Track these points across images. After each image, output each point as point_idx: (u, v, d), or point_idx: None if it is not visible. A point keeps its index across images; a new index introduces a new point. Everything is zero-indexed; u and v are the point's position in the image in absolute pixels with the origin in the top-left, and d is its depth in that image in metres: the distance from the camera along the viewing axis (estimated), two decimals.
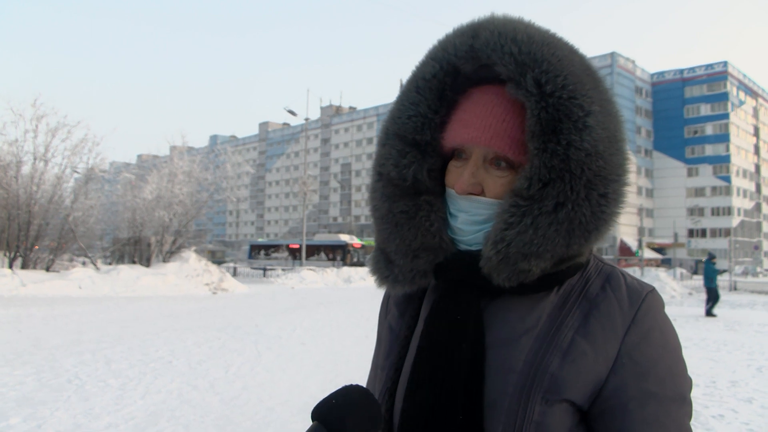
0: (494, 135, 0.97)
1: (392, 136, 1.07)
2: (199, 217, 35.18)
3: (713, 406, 7.07)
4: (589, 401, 0.95)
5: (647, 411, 0.93)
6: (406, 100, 1.07)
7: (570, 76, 0.94)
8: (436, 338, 1.00)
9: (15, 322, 13.55)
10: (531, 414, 0.92)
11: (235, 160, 37.91)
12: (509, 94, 0.97)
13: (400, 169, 1.05)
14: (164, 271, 27.15)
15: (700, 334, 14.14)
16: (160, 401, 6.80)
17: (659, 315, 1.00)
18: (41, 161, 27.39)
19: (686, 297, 28.48)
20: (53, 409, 6.34)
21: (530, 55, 0.94)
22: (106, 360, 9.13)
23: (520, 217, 0.94)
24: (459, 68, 1.03)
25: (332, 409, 0.82)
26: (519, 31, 0.97)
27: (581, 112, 0.92)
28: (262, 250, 64.14)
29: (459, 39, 1.02)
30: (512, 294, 0.99)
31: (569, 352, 0.94)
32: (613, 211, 0.97)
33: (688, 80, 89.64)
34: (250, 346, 10.85)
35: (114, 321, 14.36)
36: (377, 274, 1.13)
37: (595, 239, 0.98)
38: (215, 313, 17.32)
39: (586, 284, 1.01)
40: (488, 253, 0.96)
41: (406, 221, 1.05)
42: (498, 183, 0.99)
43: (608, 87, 1.02)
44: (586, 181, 0.93)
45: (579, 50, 1.02)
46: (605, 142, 0.94)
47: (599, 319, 0.96)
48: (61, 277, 23.58)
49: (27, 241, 26.36)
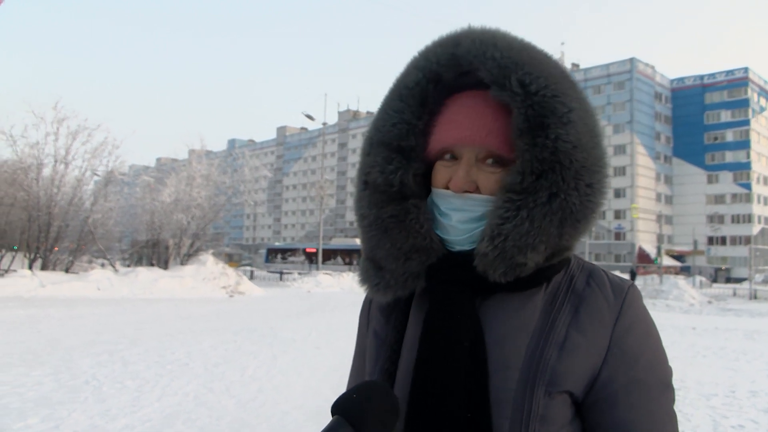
0: (488, 133, 1.01)
1: (377, 144, 1.10)
2: (216, 220, 35.39)
3: (733, 416, 6.98)
4: (584, 392, 1.00)
5: (635, 397, 0.99)
6: (389, 108, 1.10)
7: (550, 77, 0.99)
8: (437, 341, 1.01)
9: (34, 322, 13.69)
10: (536, 408, 0.96)
11: (253, 164, 38.05)
12: (493, 97, 1.01)
13: (386, 175, 1.07)
14: (182, 273, 27.32)
15: (719, 343, 13.99)
16: (176, 403, 6.83)
17: (641, 308, 1.06)
18: (62, 164, 27.73)
19: (705, 305, 28.19)
20: (70, 409, 6.39)
21: (512, 59, 0.99)
22: (123, 361, 9.19)
23: (516, 210, 0.97)
24: (441, 76, 1.07)
25: (353, 403, 0.84)
26: (498, 38, 1.03)
27: (564, 108, 0.98)
28: (279, 253, 64.35)
29: (441, 48, 1.07)
30: (504, 292, 1.03)
31: (565, 345, 0.98)
32: (598, 201, 1.02)
33: (708, 86, 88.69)
34: (265, 349, 10.88)
35: (131, 323, 14.46)
36: (367, 283, 1.14)
37: (584, 229, 1.02)
38: (232, 315, 17.39)
39: (572, 281, 1.06)
40: (484, 249, 0.99)
41: (395, 225, 1.07)
42: (492, 179, 1.02)
43: (581, 89, 1.07)
44: (574, 171, 0.97)
45: (553, 57, 1.07)
46: (587, 135, 1.00)
47: (589, 313, 1.01)
48: (80, 279, 23.80)
49: (47, 242, 26.65)
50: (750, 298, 34.69)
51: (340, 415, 0.82)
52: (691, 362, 10.89)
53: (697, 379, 9.11)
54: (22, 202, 26.29)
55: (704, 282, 46.87)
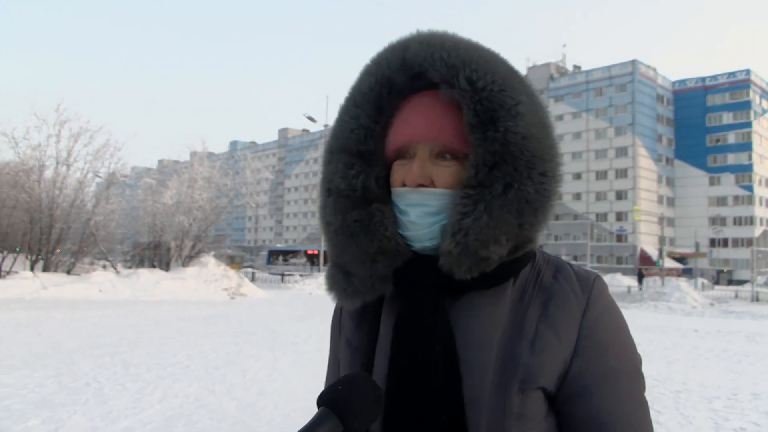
0: (440, 128, 1.04)
1: (336, 151, 1.12)
2: (218, 222, 35.43)
3: (735, 418, 6.96)
4: (557, 386, 1.01)
5: (609, 386, 1.01)
6: (346, 115, 1.13)
7: (497, 73, 1.02)
8: (408, 344, 1.03)
9: (35, 324, 13.70)
10: (511, 406, 0.97)
11: (255, 166, 38.08)
12: (443, 95, 1.04)
13: (348, 180, 1.10)
14: (183, 275, 27.33)
15: (721, 345, 13.97)
16: (177, 406, 6.83)
17: (607, 298, 1.07)
18: (64, 166, 27.77)
19: (707, 307, 28.14)
20: (71, 411, 6.39)
21: (459, 58, 1.02)
22: (124, 364, 9.19)
23: (473, 205, 0.99)
24: (393, 80, 1.09)
25: (338, 395, 0.85)
26: (446, 40, 1.07)
27: (512, 101, 1.00)
28: (281, 255, 64.39)
29: (391, 53, 1.10)
30: (474, 290, 1.04)
31: (536, 341, 1.00)
32: (553, 189, 1.04)
33: (710, 88, 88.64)
34: (266, 352, 10.88)
35: (133, 325, 14.47)
36: (335, 289, 1.15)
37: (543, 217, 1.04)
38: (233, 318, 17.40)
39: (539, 275, 1.07)
40: (447, 247, 1.00)
41: (361, 229, 1.08)
42: (446, 173, 1.04)
43: (530, 84, 1.10)
44: (526, 161, 1.00)
45: (500, 54, 1.11)
46: (536, 126, 1.03)
47: (558, 307, 1.02)
48: (82, 281, 23.82)
49: (49, 244, 26.68)
50: (752, 301, 34.64)
51: (325, 407, 0.84)
52: (693, 364, 10.87)
53: (699, 382, 9.09)
54: (24, 204, 26.31)
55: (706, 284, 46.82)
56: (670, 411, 7.23)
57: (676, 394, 8.20)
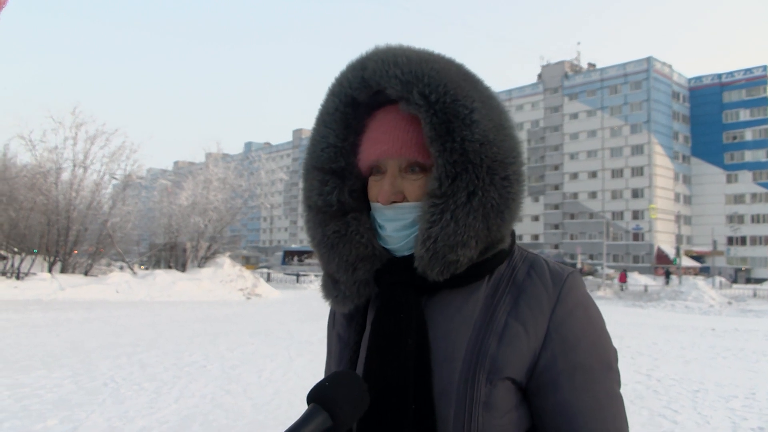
0: (403, 145, 1.08)
1: (311, 169, 1.19)
2: (233, 223, 35.54)
3: (753, 418, 6.90)
4: (526, 378, 1.05)
5: (577, 380, 1.03)
6: (317, 134, 1.18)
7: (449, 83, 1.05)
8: (383, 338, 1.07)
9: (53, 325, 13.83)
10: (479, 395, 1.01)
11: (269, 167, 38.27)
12: (402, 110, 1.08)
13: (324, 197, 1.16)
14: (199, 276, 27.47)
15: (739, 344, 13.84)
16: (193, 405, 6.87)
17: (581, 293, 1.10)
18: (80, 168, 27.97)
19: (725, 306, 27.88)
20: (89, 411, 6.44)
21: (412, 74, 1.05)
22: (141, 364, 9.26)
23: (440, 214, 1.03)
24: (356, 98, 1.14)
25: (326, 391, 0.89)
26: (399, 55, 1.09)
27: (466, 110, 1.03)
28: (296, 256, 64.40)
29: (351, 73, 1.14)
30: (448, 288, 1.09)
31: (504, 334, 1.03)
32: (517, 191, 1.08)
33: (726, 85, 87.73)
34: (282, 352, 10.91)
35: (150, 325, 14.57)
36: (329, 297, 1.21)
37: (510, 219, 1.08)
38: (248, 318, 17.47)
39: (513, 271, 1.11)
40: (419, 252, 1.05)
41: (339, 240, 1.15)
42: (415, 186, 1.10)
43: (487, 86, 1.13)
44: (486, 168, 1.03)
45: (455, 60, 1.15)
46: (494, 131, 1.05)
47: (527, 302, 1.06)
48: (99, 282, 24.01)
49: (66, 246, 26.90)
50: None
51: (315, 403, 0.88)
52: (710, 364, 10.78)
53: (716, 381, 9.02)
54: (42, 206, 26.54)
55: (724, 283, 46.37)
56: (688, 410, 7.18)
57: (693, 393, 8.14)
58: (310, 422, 0.85)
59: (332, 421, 0.86)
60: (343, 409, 0.88)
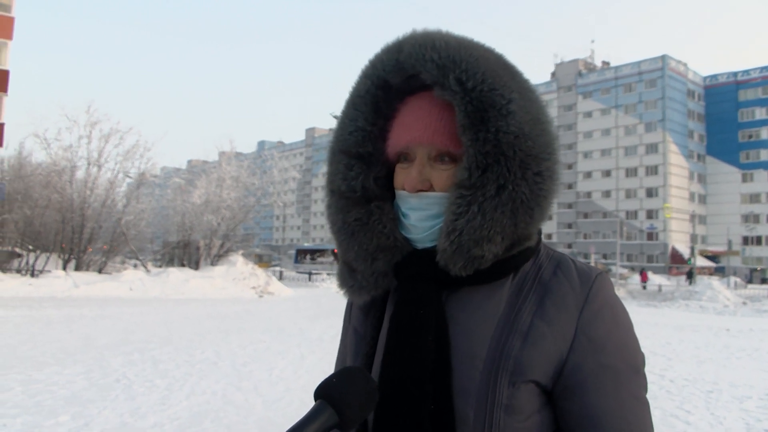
0: (435, 132, 1.04)
1: (337, 152, 1.15)
2: (246, 221, 35.70)
3: (767, 419, 6.83)
4: (552, 381, 1.01)
5: (604, 383, 1.00)
6: (346, 117, 1.15)
7: (487, 72, 1.01)
8: (402, 333, 1.04)
9: (67, 322, 13.94)
10: (500, 397, 0.97)
11: (282, 166, 38.34)
12: (436, 96, 1.04)
13: (348, 182, 1.13)
14: (212, 274, 27.61)
15: (753, 344, 13.72)
16: (205, 402, 6.89)
17: (609, 295, 1.06)
18: (95, 166, 28.27)
19: (740, 306, 27.64)
20: (101, 407, 6.48)
21: (449, 59, 1.02)
22: (153, 360, 9.30)
23: (467, 206, 1.00)
24: (389, 81, 1.11)
25: (333, 387, 0.89)
26: (437, 40, 1.06)
27: (503, 100, 1.00)
28: (308, 254, 64.51)
29: (386, 55, 1.11)
30: (470, 284, 1.05)
31: (529, 334, 1.00)
32: (549, 188, 1.04)
33: (742, 83, 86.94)
34: (293, 349, 10.93)
35: (162, 322, 14.65)
36: (344, 286, 1.18)
37: (539, 217, 1.04)
38: (260, 315, 17.53)
39: (539, 270, 1.07)
40: (443, 245, 1.02)
41: (360, 228, 1.11)
42: (444, 176, 1.06)
43: (526, 78, 1.10)
44: (519, 161, 0.99)
45: (495, 50, 1.11)
46: (530, 124, 1.01)
47: (554, 302, 1.02)
48: (113, 279, 24.20)
49: (80, 243, 27.15)
50: None
51: (323, 399, 0.87)
52: (725, 364, 10.69)
53: (730, 381, 8.94)
54: (56, 204, 26.81)
55: (739, 283, 45.96)
56: (701, 411, 7.12)
57: (707, 393, 8.07)
58: (316, 418, 0.85)
59: (339, 418, 0.85)
60: (351, 406, 0.87)
